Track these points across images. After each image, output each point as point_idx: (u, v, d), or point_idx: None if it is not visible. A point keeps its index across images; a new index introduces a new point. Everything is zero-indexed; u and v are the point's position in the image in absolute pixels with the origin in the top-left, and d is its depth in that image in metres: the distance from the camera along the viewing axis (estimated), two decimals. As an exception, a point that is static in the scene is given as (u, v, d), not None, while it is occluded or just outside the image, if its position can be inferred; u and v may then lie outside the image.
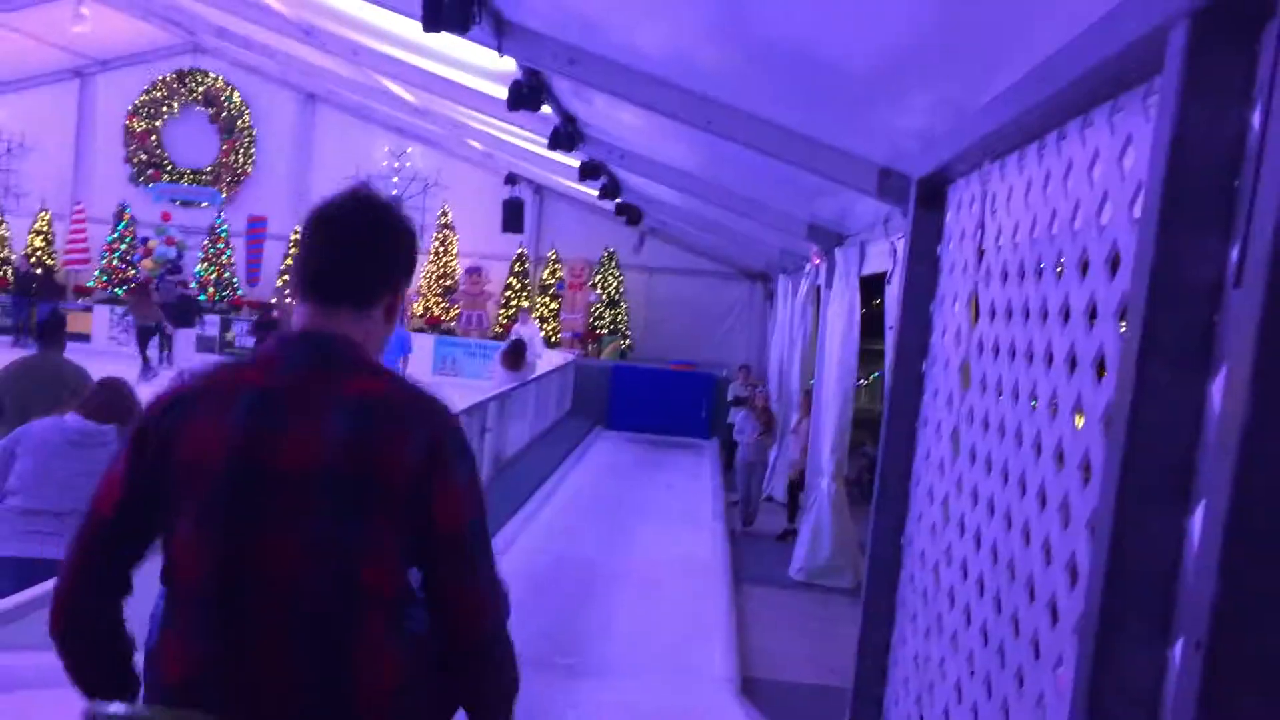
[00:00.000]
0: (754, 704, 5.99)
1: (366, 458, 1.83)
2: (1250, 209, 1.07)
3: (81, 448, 4.76)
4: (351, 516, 1.82)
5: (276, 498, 1.83)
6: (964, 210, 2.63)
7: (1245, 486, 0.97)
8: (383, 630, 1.85)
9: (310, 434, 1.84)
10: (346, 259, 1.97)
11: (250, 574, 1.82)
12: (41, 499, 4.63)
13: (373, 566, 1.84)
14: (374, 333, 2.01)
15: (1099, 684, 1.29)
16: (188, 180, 22.53)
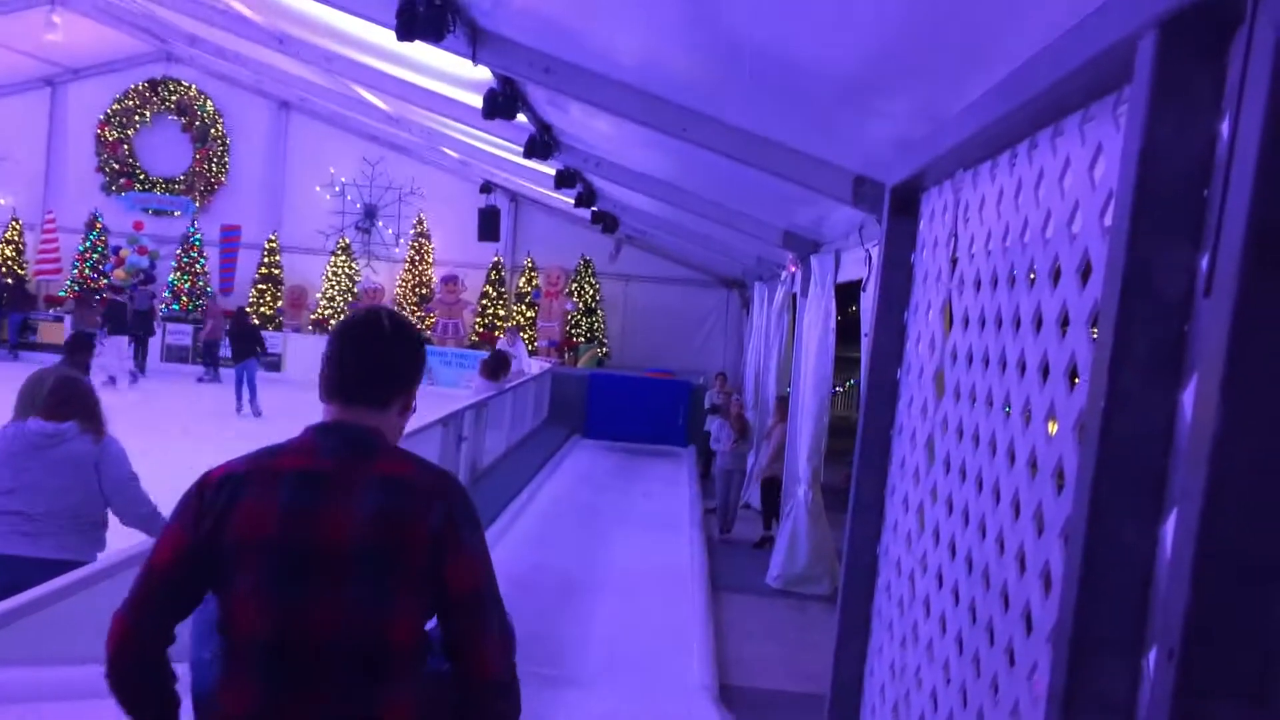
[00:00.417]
0: (731, 711, 5.99)
1: (393, 530, 2.18)
2: (1220, 218, 1.07)
3: (44, 449, 4.89)
4: (383, 584, 2.17)
5: (320, 569, 2.17)
6: (937, 218, 2.64)
7: (1217, 495, 0.98)
8: (406, 675, 2.21)
9: (345, 511, 2.19)
10: (366, 371, 2.36)
11: (298, 632, 2.17)
12: (13, 501, 4.79)
13: (399, 623, 2.18)
14: (391, 425, 2.41)
15: (1073, 692, 1.29)
16: (160, 189, 22.39)
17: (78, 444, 4.95)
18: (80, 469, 4.95)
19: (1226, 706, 0.99)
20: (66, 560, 4.76)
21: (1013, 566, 1.73)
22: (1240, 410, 0.99)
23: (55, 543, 4.87)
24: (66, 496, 4.90)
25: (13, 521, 4.81)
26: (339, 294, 21.83)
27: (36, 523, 4.82)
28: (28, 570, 4.61)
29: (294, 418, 9.96)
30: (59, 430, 4.93)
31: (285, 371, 21.17)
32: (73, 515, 4.93)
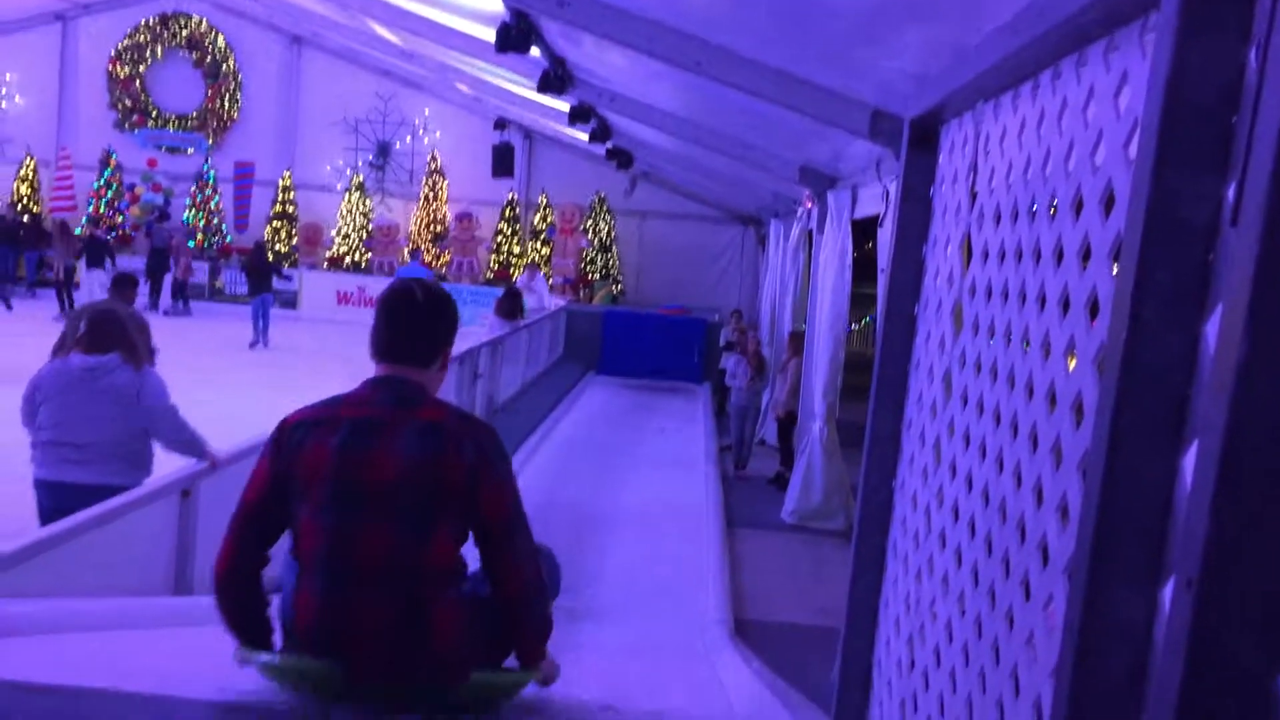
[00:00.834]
0: (747, 645, 6.06)
1: (431, 468, 2.60)
2: (1248, 146, 1.05)
3: (86, 382, 5.12)
4: (422, 515, 2.59)
5: (368, 501, 2.60)
6: (957, 151, 2.61)
7: (1240, 424, 0.97)
8: (444, 591, 2.63)
9: (391, 453, 2.61)
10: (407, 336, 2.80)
11: (348, 552, 2.60)
12: (63, 433, 5.09)
13: (435, 548, 2.61)
14: (432, 379, 2.85)
15: (1089, 622, 1.29)
16: (173, 126, 22.29)
17: (119, 375, 5.14)
18: (122, 400, 5.14)
19: (1244, 636, 0.99)
20: (111, 485, 4.99)
21: (1030, 499, 1.73)
22: (1265, 339, 0.98)
23: (101, 469, 5.10)
24: (110, 427, 5.12)
25: (61, 451, 5.07)
26: (353, 231, 21.79)
27: (83, 451, 5.07)
28: (74, 495, 4.90)
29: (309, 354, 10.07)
30: (100, 363, 5.13)
31: (301, 309, 21.21)
32: (117, 444, 5.14)
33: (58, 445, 5.10)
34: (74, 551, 4.54)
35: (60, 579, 4.48)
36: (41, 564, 4.33)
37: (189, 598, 5.37)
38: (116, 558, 4.94)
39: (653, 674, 5.26)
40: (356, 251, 21.77)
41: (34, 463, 5.19)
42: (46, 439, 5.12)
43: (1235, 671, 1.01)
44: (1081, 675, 1.32)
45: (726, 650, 5.78)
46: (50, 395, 5.15)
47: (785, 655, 5.82)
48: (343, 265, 21.75)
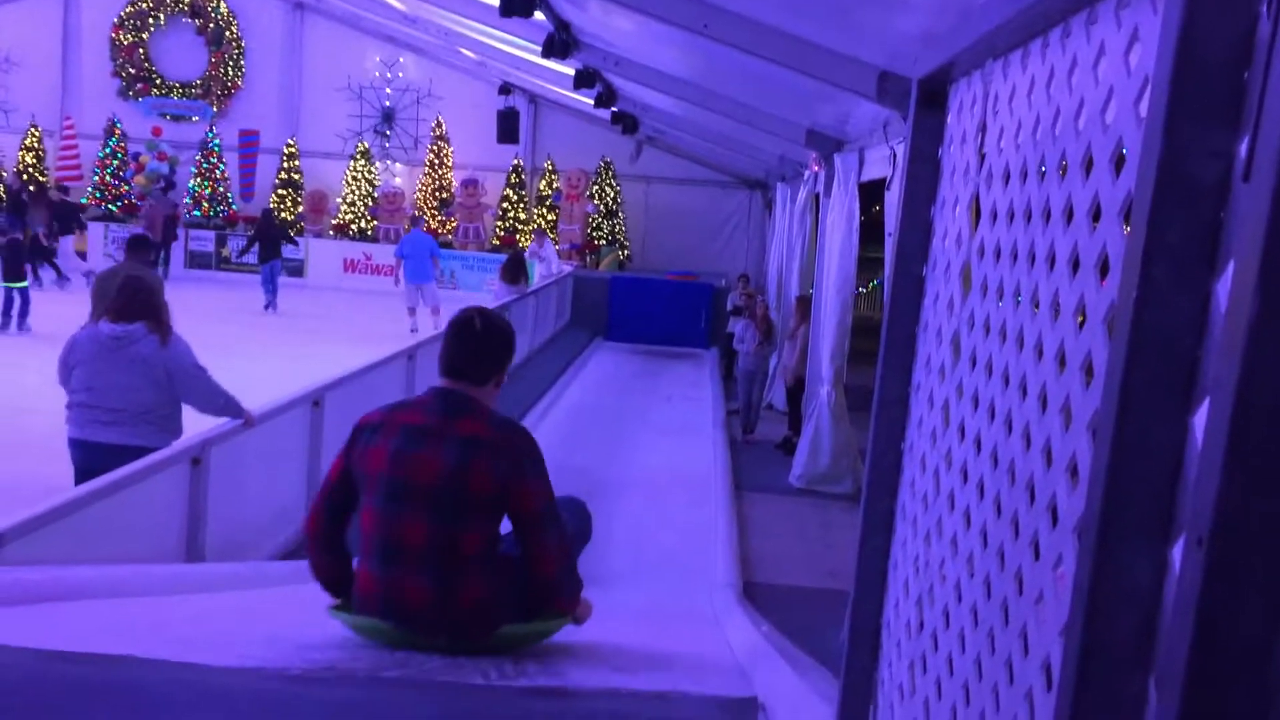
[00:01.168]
0: (755, 608, 6.09)
1: (464, 478, 3.15)
2: (1260, 101, 1.04)
3: (115, 350, 5.33)
4: (454, 513, 3.17)
5: (411, 499, 3.18)
6: (965, 111, 2.58)
7: (1251, 381, 0.96)
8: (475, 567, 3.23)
9: (435, 459, 3.16)
10: (465, 357, 3.32)
11: (396, 542, 3.21)
12: (94, 397, 5.34)
13: (467, 538, 3.20)
14: (486, 394, 3.35)
15: (1098, 582, 1.29)
16: (177, 94, 22.21)
17: (145, 345, 5.33)
18: (149, 369, 5.34)
19: (1254, 596, 0.99)
20: (140, 446, 5.24)
21: (1039, 460, 1.73)
22: (1277, 296, 0.97)
23: (130, 430, 5.32)
24: (139, 394, 5.33)
25: (92, 413, 5.33)
26: (359, 198, 21.74)
27: (113, 414, 5.31)
28: (103, 454, 5.16)
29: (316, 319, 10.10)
30: (127, 332, 5.33)
31: (308, 277, 21.22)
32: (145, 408, 5.35)
33: (89, 408, 5.34)
34: (86, 520, 4.57)
35: (72, 547, 4.52)
36: (53, 532, 4.36)
37: (201, 564, 5.41)
38: (128, 525, 4.98)
39: (662, 638, 5.29)
40: (362, 219, 21.73)
41: (68, 422, 5.45)
42: (79, 401, 5.38)
43: (1245, 629, 1.01)
44: (1090, 634, 1.33)
45: (735, 613, 5.81)
46: (82, 360, 5.37)
47: (793, 618, 5.85)
48: (348, 233, 21.72)
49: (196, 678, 3.00)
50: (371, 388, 8.07)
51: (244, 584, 5.28)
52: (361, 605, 3.36)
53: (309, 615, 4.81)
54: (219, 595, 4.89)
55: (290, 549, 6.53)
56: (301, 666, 3.40)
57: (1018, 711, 1.78)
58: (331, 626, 4.35)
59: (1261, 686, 1.01)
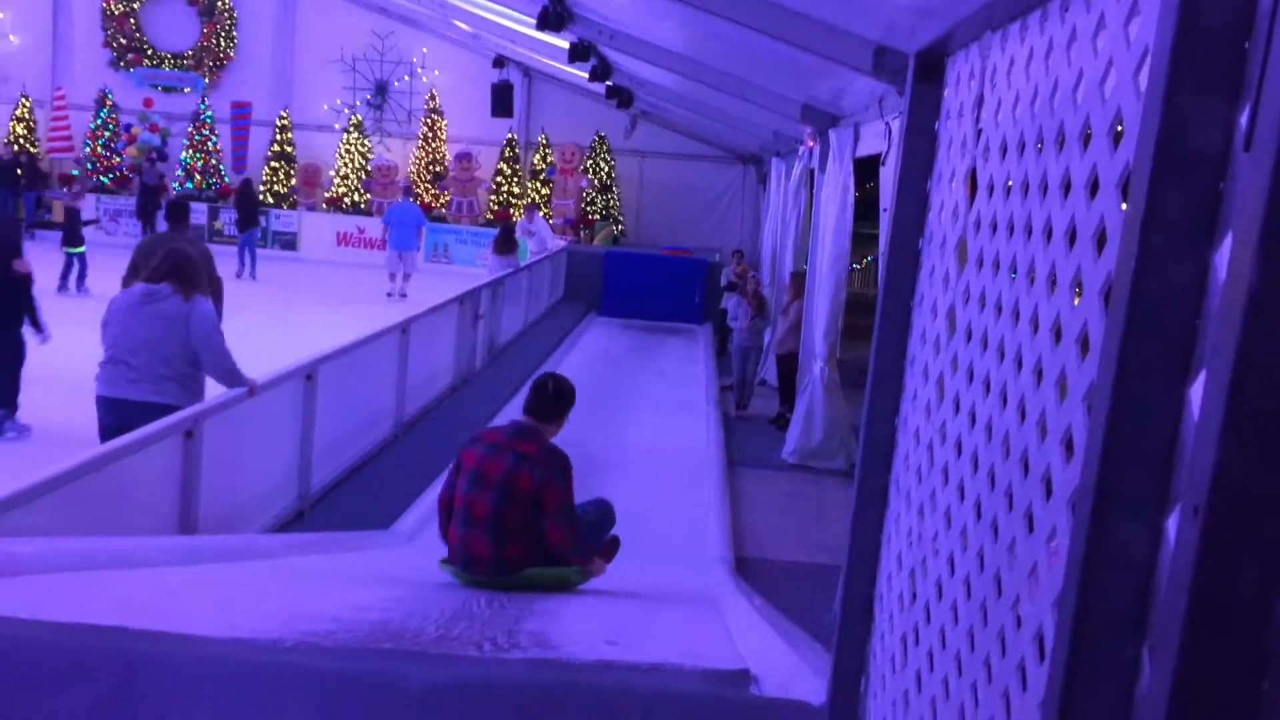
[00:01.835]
0: (748, 582, 6.11)
1: (513, 479, 4.65)
2: (1262, 70, 1.04)
3: (144, 306, 5.67)
4: (505, 500, 4.64)
5: (484, 486, 4.67)
6: (963, 84, 2.57)
7: (1250, 350, 0.96)
8: (516, 534, 4.70)
9: (500, 464, 4.68)
10: (536, 407, 4.94)
11: (470, 511, 4.69)
12: (120, 352, 5.64)
13: (513, 516, 4.66)
14: (548, 429, 4.92)
15: (1093, 553, 1.30)
16: (169, 65, 22.05)
17: (170, 303, 5.66)
18: (172, 324, 5.64)
19: (1250, 564, 0.99)
20: (165, 404, 5.52)
21: (1033, 433, 1.73)
22: (1276, 266, 0.97)
23: (155, 389, 5.60)
24: (162, 348, 5.62)
25: (121, 370, 5.62)
26: (352, 172, 21.63)
27: (138, 370, 5.60)
28: (131, 412, 5.46)
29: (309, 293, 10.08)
30: (154, 290, 5.69)
31: (300, 250, 21.14)
32: (168, 364, 5.63)
33: (116, 364, 5.64)
34: (79, 491, 4.57)
35: (65, 519, 4.52)
36: (47, 504, 4.36)
37: (194, 537, 5.42)
38: (121, 497, 4.98)
39: (654, 611, 5.31)
40: (356, 192, 21.63)
41: (97, 380, 5.71)
42: (107, 358, 5.69)
43: (1241, 595, 1.01)
44: (1084, 604, 1.33)
45: (728, 587, 5.83)
46: (113, 318, 5.74)
47: (785, 592, 5.88)
48: (342, 206, 21.63)
49: (188, 649, 3.01)
50: (364, 361, 8.06)
51: (237, 556, 5.28)
52: (450, 556, 4.89)
53: (303, 587, 4.82)
54: (212, 567, 4.90)
55: (284, 521, 6.54)
56: (295, 638, 3.41)
57: (1009, 683, 1.79)
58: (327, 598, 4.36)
59: (1256, 653, 1.02)
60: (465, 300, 11.26)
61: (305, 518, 6.75)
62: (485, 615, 4.52)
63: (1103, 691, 1.35)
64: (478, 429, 5.21)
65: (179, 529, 5.38)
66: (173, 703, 2.47)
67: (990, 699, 1.86)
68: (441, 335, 10.49)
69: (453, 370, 10.83)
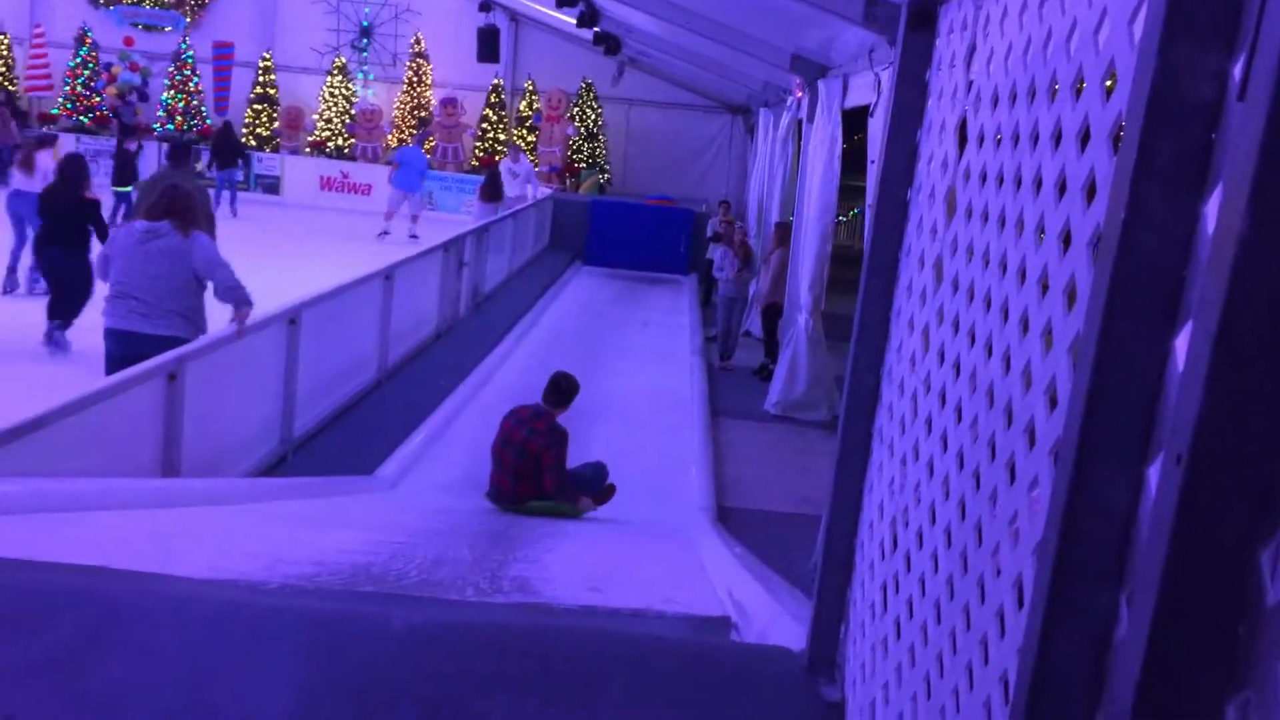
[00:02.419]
0: (729, 531, 6.16)
1: (528, 441, 6.46)
2: (1259, 20, 1.03)
3: (146, 243, 5.94)
4: (522, 456, 6.46)
5: (510, 446, 6.51)
6: (956, 33, 2.55)
7: (1238, 300, 0.97)
8: (529, 480, 6.48)
9: (520, 430, 6.52)
10: (551, 397, 6.72)
11: (502, 462, 6.55)
12: (126, 287, 5.94)
13: (524, 466, 6.46)
14: (556, 411, 6.66)
15: (1074, 502, 1.31)
16: (149, 3, 21.68)
17: (171, 239, 5.95)
18: (176, 259, 5.93)
19: (1232, 509, 1.01)
20: (172, 336, 5.82)
21: (1018, 383, 1.74)
22: (1268, 215, 0.97)
23: (162, 322, 5.91)
24: (166, 281, 5.92)
25: (129, 304, 5.90)
26: (336, 115, 21.40)
27: (144, 304, 5.88)
28: (140, 343, 5.76)
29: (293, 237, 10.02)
30: (155, 227, 5.96)
31: (283, 195, 20.95)
32: (173, 298, 5.93)
33: (123, 298, 5.93)
34: (61, 433, 4.55)
35: (48, 460, 4.51)
36: (29, 444, 4.35)
37: (177, 479, 5.42)
38: (104, 439, 4.97)
39: (636, 559, 5.35)
40: (340, 136, 21.41)
41: (104, 314, 6.09)
42: (114, 293, 6.00)
43: (1220, 542, 1.02)
44: (1064, 552, 1.35)
45: (709, 536, 5.88)
46: (117, 254, 6.04)
47: (767, 542, 5.92)
48: (325, 150, 21.42)
49: (168, 589, 3.01)
50: (348, 307, 8.03)
51: (220, 500, 5.29)
52: (488, 490, 6.62)
53: (286, 531, 4.83)
54: (194, 510, 4.90)
55: (267, 466, 6.54)
56: (279, 580, 3.42)
57: (988, 629, 1.81)
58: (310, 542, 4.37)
59: (1234, 600, 1.03)
60: (450, 247, 11.20)
61: (288, 462, 6.75)
62: (468, 560, 4.55)
63: (1080, 637, 1.37)
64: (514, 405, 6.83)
65: (162, 472, 5.38)
66: (150, 642, 2.48)
67: (968, 645, 1.88)
68: (426, 282, 10.45)
69: (436, 317, 10.81)
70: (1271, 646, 0.98)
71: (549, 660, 2.58)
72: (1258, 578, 1.00)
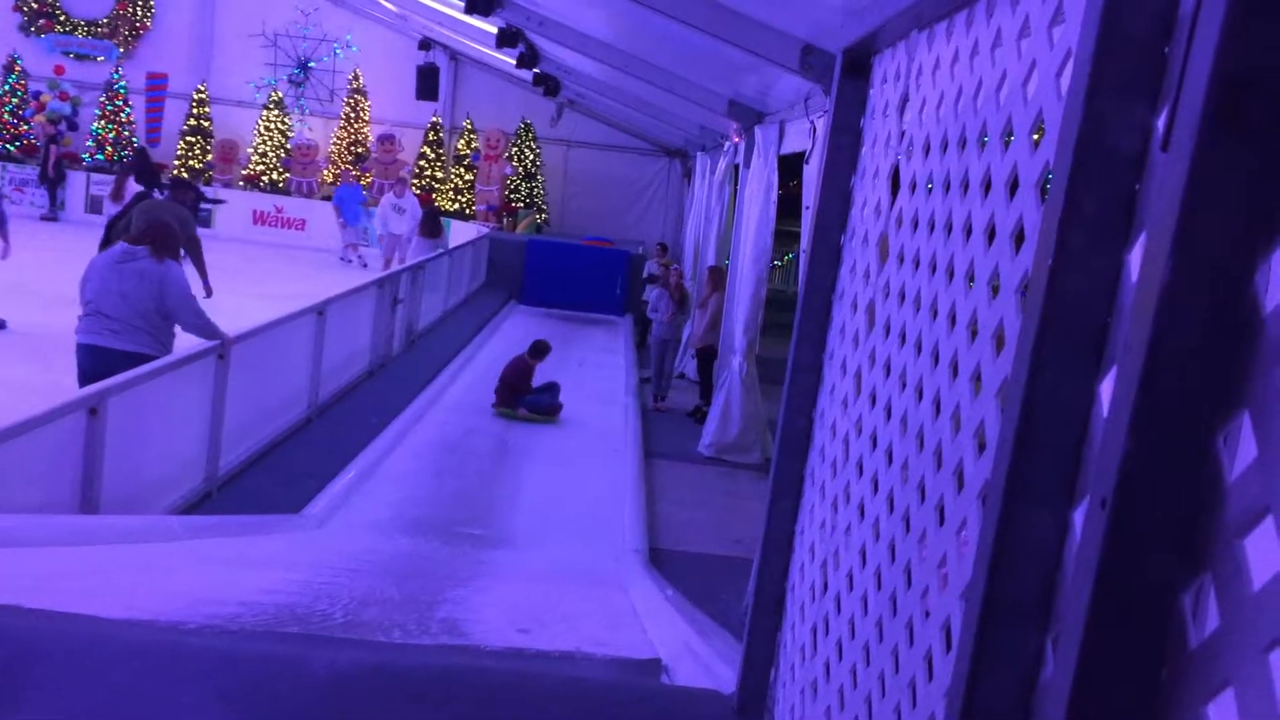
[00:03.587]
0: (661, 573, 6.13)
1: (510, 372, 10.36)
2: (1182, 74, 1.06)
3: (123, 265, 6.28)
4: (507, 379, 10.36)
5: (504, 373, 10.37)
6: (889, 82, 2.60)
7: (1161, 347, 0.98)
8: (515, 393, 10.37)
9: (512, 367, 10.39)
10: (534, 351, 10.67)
11: (503, 383, 10.32)
12: (100, 305, 6.22)
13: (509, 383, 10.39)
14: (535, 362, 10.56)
15: (1001, 545, 1.32)
16: (82, 32, 21.38)
17: (145, 263, 6.27)
18: (146, 282, 6.23)
19: (1155, 553, 1.02)
20: (141, 353, 6.12)
21: (948, 427, 1.75)
22: (1189, 263, 0.99)
23: (130, 339, 6.19)
24: (136, 303, 6.21)
25: (102, 321, 6.19)
26: (271, 149, 21.20)
27: (115, 322, 6.17)
28: (109, 358, 6.04)
29: (223, 272, 9.79)
30: (133, 251, 6.33)
31: (216, 228, 20.64)
32: (143, 319, 6.22)
33: (96, 315, 6.21)
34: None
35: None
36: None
37: (95, 516, 5.27)
38: (21, 474, 4.82)
39: (566, 600, 5.30)
40: (274, 171, 21.20)
41: (77, 331, 6.33)
42: (88, 311, 6.27)
43: (1144, 585, 1.04)
44: (991, 595, 1.35)
45: (641, 578, 5.84)
46: (96, 274, 6.32)
47: (699, 584, 5.91)
48: (259, 184, 21.19)
49: (83, 628, 2.92)
50: (279, 342, 7.92)
51: (140, 538, 5.15)
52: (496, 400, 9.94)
53: (207, 570, 4.72)
54: (113, 548, 4.77)
55: (190, 503, 6.39)
56: (199, 621, 3.34)
57: (916, 672, 1.81)
58: (232, 582, 4.27)
59: (1157, 643, 1.04)
60: (385, 284, 11.12)
61: (213, 500, 6.61)
62: (396, 600, 4.48)
63: (1007, 680, 1.38)
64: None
65: (80, 508, 5.23)
66: (64, 683, 2.40)
67: (897, 688, 1.88)
68: (359, 319, 10.34)
69: (369, 354, 10.69)
70: (1195, 690, 0.99)
71: (477, 704, 2.54)
72: (1181, 621, 1.01)
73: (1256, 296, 0.98)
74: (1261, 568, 0.91)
